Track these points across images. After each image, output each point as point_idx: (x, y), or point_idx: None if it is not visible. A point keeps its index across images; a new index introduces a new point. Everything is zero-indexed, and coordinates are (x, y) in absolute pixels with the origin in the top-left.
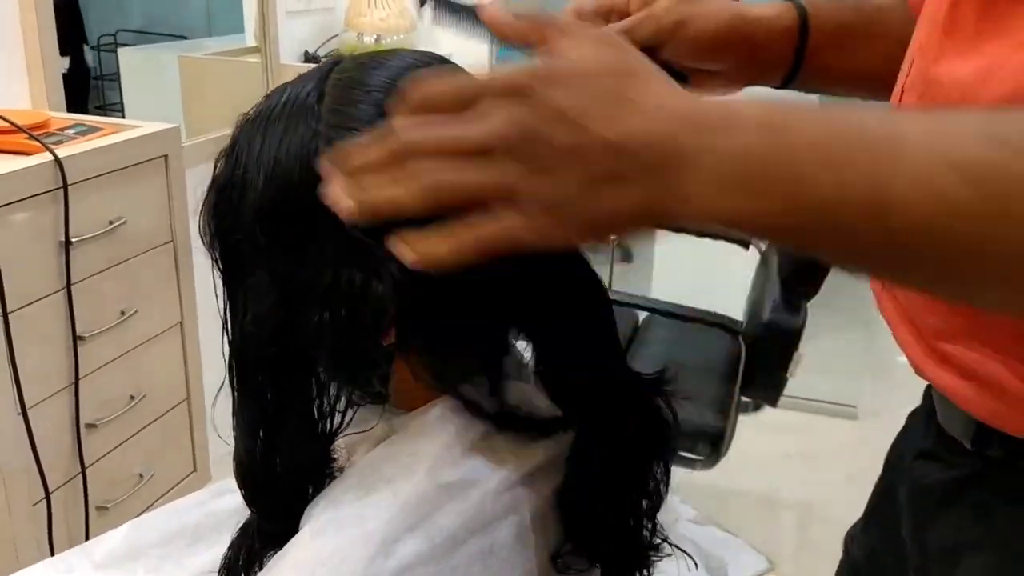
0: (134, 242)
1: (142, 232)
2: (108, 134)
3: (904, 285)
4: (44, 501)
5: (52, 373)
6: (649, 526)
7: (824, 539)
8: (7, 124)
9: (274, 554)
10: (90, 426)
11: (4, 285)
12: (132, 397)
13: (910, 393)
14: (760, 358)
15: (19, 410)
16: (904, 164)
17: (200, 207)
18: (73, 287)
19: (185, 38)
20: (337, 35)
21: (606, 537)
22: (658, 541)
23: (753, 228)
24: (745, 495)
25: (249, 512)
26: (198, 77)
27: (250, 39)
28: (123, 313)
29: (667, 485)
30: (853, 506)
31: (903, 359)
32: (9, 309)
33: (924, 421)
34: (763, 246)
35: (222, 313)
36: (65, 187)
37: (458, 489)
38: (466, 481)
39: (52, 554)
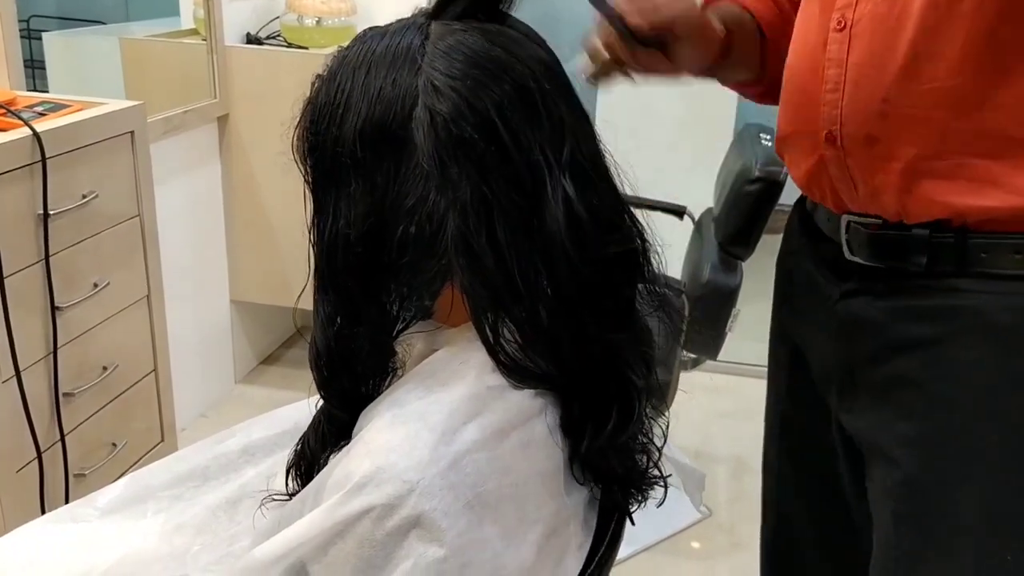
0: (105, 216)
1: (111, 206)
2: (77, 111)
3: None
4: (28, 467)
5: (32, 343)
6: (644, 459)
7: (755, 489)
8: None
9: (338, 451)
10: (67, 395)
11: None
12: (105, 368)
13: None
14: (702, 315)
15: (3, 379)
16: None
17: (295, 123)
18: (50, 259)
19: (103, 23)
20: (278, 17)
21: (598, 463)
22: (655, 473)
23: None
24: (683, 451)
25: (293, 447)
26: (140, 60)
27: (187, 22)
28: (96, 285)
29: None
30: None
31: None
32: None
33: (829, 280)
34: (696, 216)
35: (309, 220)
36: (44, 161)
37: (501, 391)
38: (506, 385)
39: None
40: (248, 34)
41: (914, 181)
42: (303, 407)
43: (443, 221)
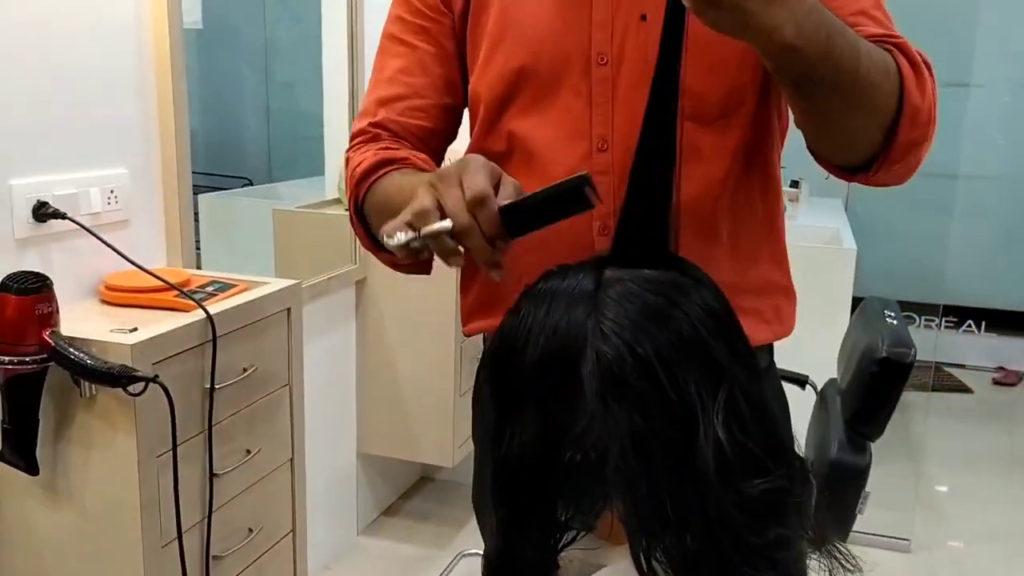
0: (260, 386)
1: (266, 377)
2: (243, 290)
3: (839, 107)
4: None
5: (191, 508)
6: None
7: None
8: (162, 283)
9: None
10: (216, 558)
11: (175, 429)
12: (251, 530)
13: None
14: (830, 496)
15: (165, 542)
16: (859, 40)
17: (482, 355)
18: (212, 429)
19: (250, 181)
20: None
21: None
22: None
23: (791, 51)
24: None
25: None
26: (289, 227)
27: (331, 192)
28: (248, 452)
29: None
30: None
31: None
32: (166, 449)
33: None
34: (819, 386)
35: (491, 440)
36: (214, 340)
37: None
38: None
39: None
40: None
41: None
42: None
43: (606, 451)
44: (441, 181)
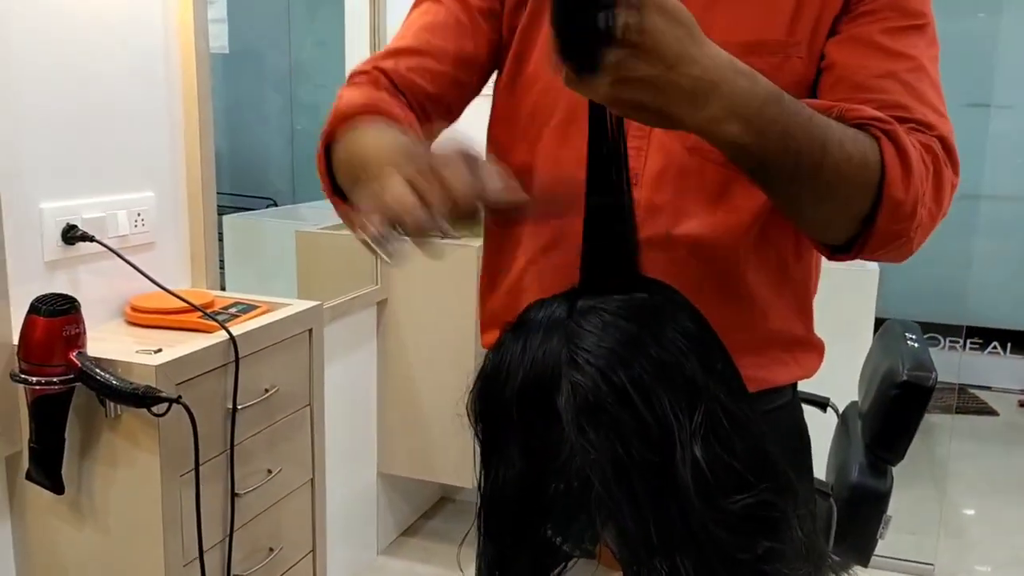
0: (281, 407)
1: (288, 398)
2: (265, 312)
3: (803, 198)
4: None
5: (212, 527)
6: None
7: None
8: (186, 304)
9: None
10: None
11: (197, 448)
12: (271, 549)
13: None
14: (851, 520)
15: (186, 561)
16: (830, 134)
17: (469, 390)
18: (234, 448)
19: (275, 202)
20: None
21: None
22: None
23: (738, 147)
24: None
25: None
26: (312, 248)
27: None
28: (270, 472)
29: None
30: None
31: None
32: (189, 469)
33: None
34: (841, 409)
35: (478, 475)
36: (237, 361)
37: None
38: None
39: None
40: None
41: None
42: None
43: (588, 479)
44: (419, 172)
